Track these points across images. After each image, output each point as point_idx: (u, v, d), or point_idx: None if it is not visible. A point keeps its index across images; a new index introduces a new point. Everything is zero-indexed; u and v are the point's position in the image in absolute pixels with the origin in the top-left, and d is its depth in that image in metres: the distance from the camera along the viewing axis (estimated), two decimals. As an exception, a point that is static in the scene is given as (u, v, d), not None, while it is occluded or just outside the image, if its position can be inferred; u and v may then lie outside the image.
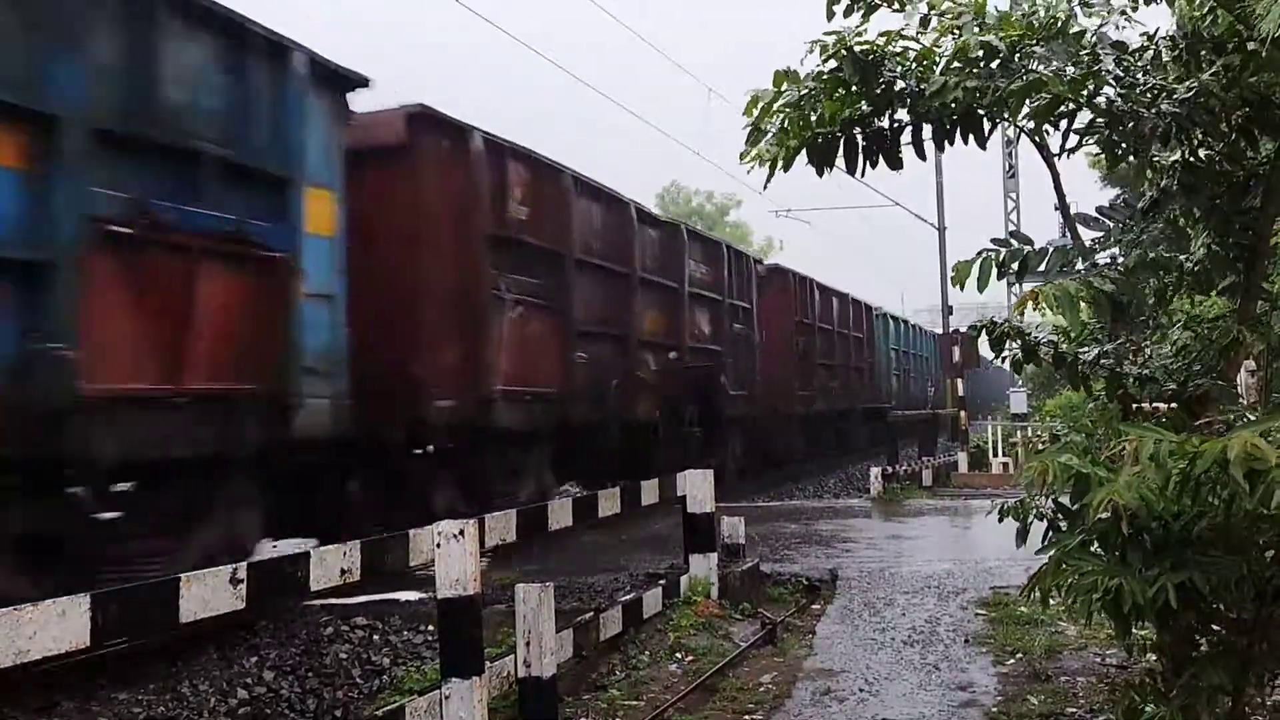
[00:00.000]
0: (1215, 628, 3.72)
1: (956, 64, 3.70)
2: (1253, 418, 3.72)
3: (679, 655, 6.30)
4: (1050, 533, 3.87)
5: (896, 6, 4.09)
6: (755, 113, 4.08)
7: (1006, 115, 3.66)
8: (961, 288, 3.93)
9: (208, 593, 3.59)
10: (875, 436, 27.73)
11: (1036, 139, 4.05)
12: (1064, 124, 3.71)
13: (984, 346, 4.36)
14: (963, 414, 20.48)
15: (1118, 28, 3.81)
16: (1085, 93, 3.50)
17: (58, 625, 3.08)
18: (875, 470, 16.15)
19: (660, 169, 78.79)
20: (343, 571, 4.23)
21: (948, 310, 31.81)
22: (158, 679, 6.17)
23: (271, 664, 6.53)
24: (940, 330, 31.11)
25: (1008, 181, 28.18)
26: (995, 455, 20.51)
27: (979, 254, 3.79)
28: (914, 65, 3.99)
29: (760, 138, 4.19)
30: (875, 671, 5.88)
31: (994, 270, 3.73)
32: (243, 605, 3.73)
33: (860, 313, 26.72)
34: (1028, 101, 3.52)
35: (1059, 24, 3.70)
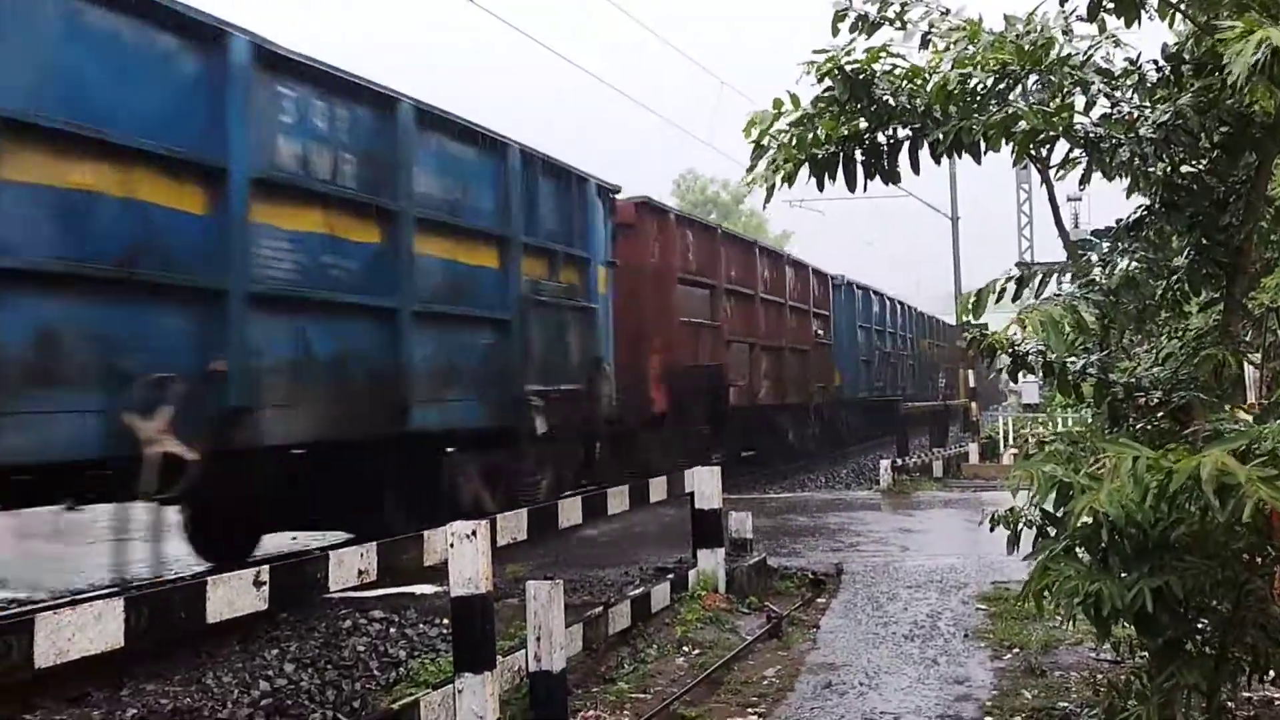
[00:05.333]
0: (1200, 626, 3.88)
1: (949, 90, 3.87)
2: (1237, 425, 3.89)
3: (686, 648, 6.49)
4: (1039, 538, 4.04)
5: (899, 25, 4.26)
6: (755, 134, 4.25)
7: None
8: (973, 318, 4.11)
9: (233, 594, 3.80)
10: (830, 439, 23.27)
11: (1031, 154, 4.20)
12: (1045, 150, 3.86)
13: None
14: (973, 405, 20.59)
15: (1108, 53, 3.97)
16: (1062, 124, 3.64)
17: (94, 628, 3.29)
18: (885, 463, 16.31)
19: (676, 157, 78.62)
20: (360, 572, 4.43)
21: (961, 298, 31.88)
22: (183, 670, 6.39)
23: (292, 657, 6.74)
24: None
25: (1019, 173, 28.22)
26: (1007, 446, 20.61)
27: (986, 285, 3.98)
28: (905, 83, 4.15)
29: (762, 154, 4.36)
30: (876, 665, 6.06)
31: (992, 299, 3.90)
32: (265, 606, 3.93)
33: (807, 279, 21.52)
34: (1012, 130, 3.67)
35: (1049, 47, 3.86)
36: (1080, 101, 3.84)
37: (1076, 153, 3.99)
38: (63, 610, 3.26)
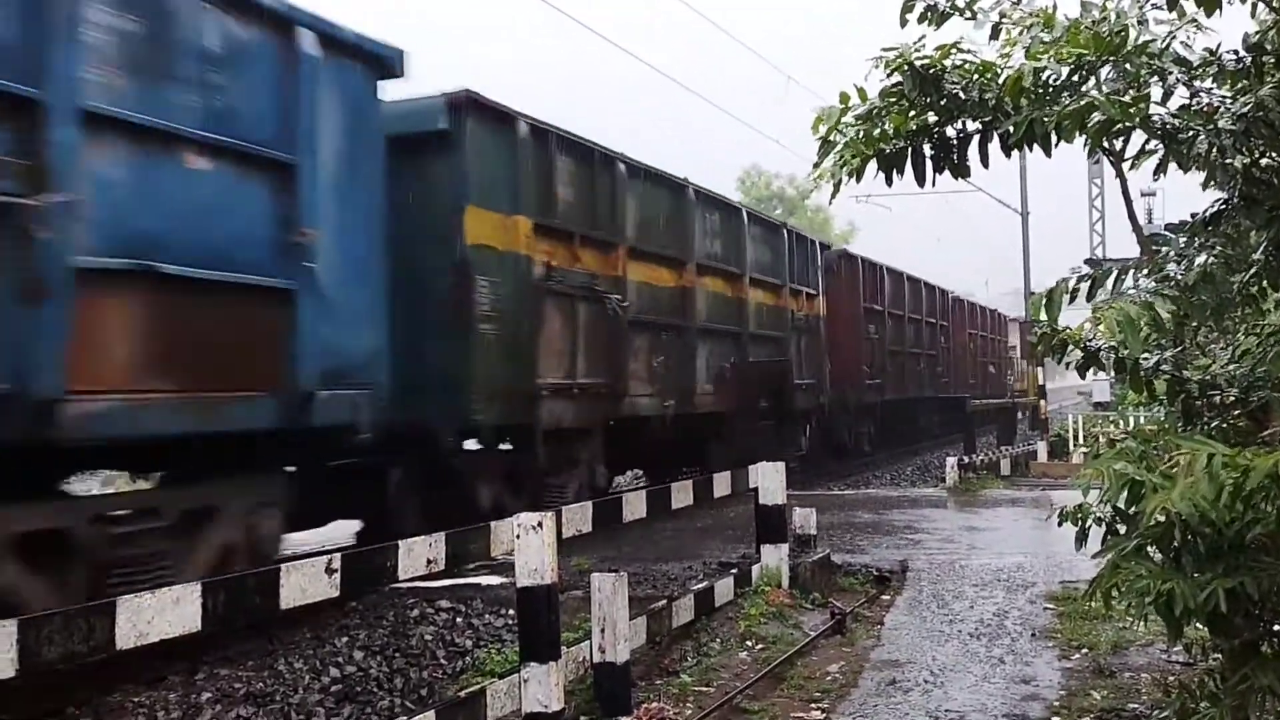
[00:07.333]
0: (1276, 628, 3.81)
1: (1023, 84, 3.81)
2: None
3: (749, 643, 6.49)
4: (1108, 536, 3.98)
5: (969, 16, 4.21)
6: (822, 130, 4.23)
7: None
8: (1043, 316, 4.06)
9: (305, 581, 3.87)
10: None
11: (1105, 147, 4.13)
12: (1120, 142, 3.80)
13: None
14: (1043, 402, 20.30)
15: (1189, 36, 3.88)
16: (1139, 114, 3.58)
17: (173, 611, 3.38)
18: (951, 460, 16.14)
19: (742, 152, 78.30)
20: (428, 561, 4.49)
21: (1031, 295, 31.41)
22: (256, 656, 6.53)
23: (361, 644, 6.85)
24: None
25: (1092, 167, 27.73)
26: (1077, 444, 20.30)
27: (1057, 284, 3.93)
28: (976, 77, 4.10)
29: (830, 149, 4.33)
30: (941, 663, 6.02)
31: (1065, 298, 3.85)
32: (337, 593, 4.01)
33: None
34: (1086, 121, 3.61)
35: (1125, 36, 3.79)
36: (1157, 92, 3.77)
37: (1152, 144, 3.92)
38: (143, 593, 3.36)
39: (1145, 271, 4.18)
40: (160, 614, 3.36)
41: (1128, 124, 3.60)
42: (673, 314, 12.76)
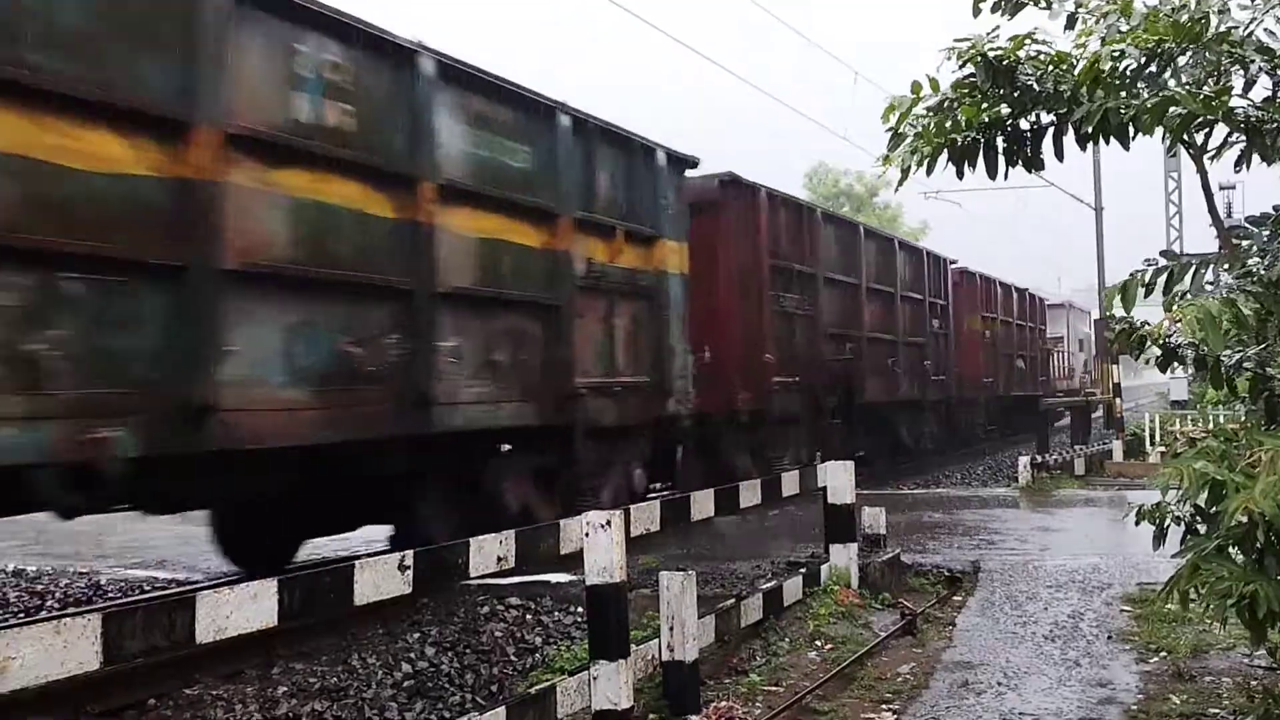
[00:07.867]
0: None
1: (1099, 72, 3.75)
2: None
3: (818, 643, 6.45)
4: (1187, 536, 3.90)
5: (1044, 6, 4.15)
6: (893, 120, 4.20)
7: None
8: (1117, 311, 3.99)
9: (379, 578, 3.93)
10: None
11: (1184, 140, 4.04)
12: (1200, 135, 3.72)
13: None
14: (1118, 401, 19.92)
15: (1271, 29, 3.78)
16: (1221, 108, 3.50)
17: (251, 606, 3.44)
18: (1024, 459, 15.91)
19: (809, 148, 77.91)
20: (499, 559, 4.53)
21: (1105, 291, 30.80)
22: (330, 651, 6.64)
23: (433, 640, 6.93)
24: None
25: (1168, 161, 27.15)
26: (1153, 444, 19.90)
27: (1132, 276, 3.85)
28: (1050, 69, 4.04)
29: (900, 141, 4.30)
30: (1014, 665, 5.93)
31: (1141, 291, 3.77)
32: (409, 590, 4.06)
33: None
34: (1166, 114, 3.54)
35: (1206, 24, 3.70)
36: (1239, 82, 3.68)
37: (1234, 137, 3.83)
38: (222, 589, 3.43)
39: (1226, 266, 4.10)
40: (238, 609, 3.42)
41: (1209, 117, 3.52)
42: (139, 240, 5.75)
